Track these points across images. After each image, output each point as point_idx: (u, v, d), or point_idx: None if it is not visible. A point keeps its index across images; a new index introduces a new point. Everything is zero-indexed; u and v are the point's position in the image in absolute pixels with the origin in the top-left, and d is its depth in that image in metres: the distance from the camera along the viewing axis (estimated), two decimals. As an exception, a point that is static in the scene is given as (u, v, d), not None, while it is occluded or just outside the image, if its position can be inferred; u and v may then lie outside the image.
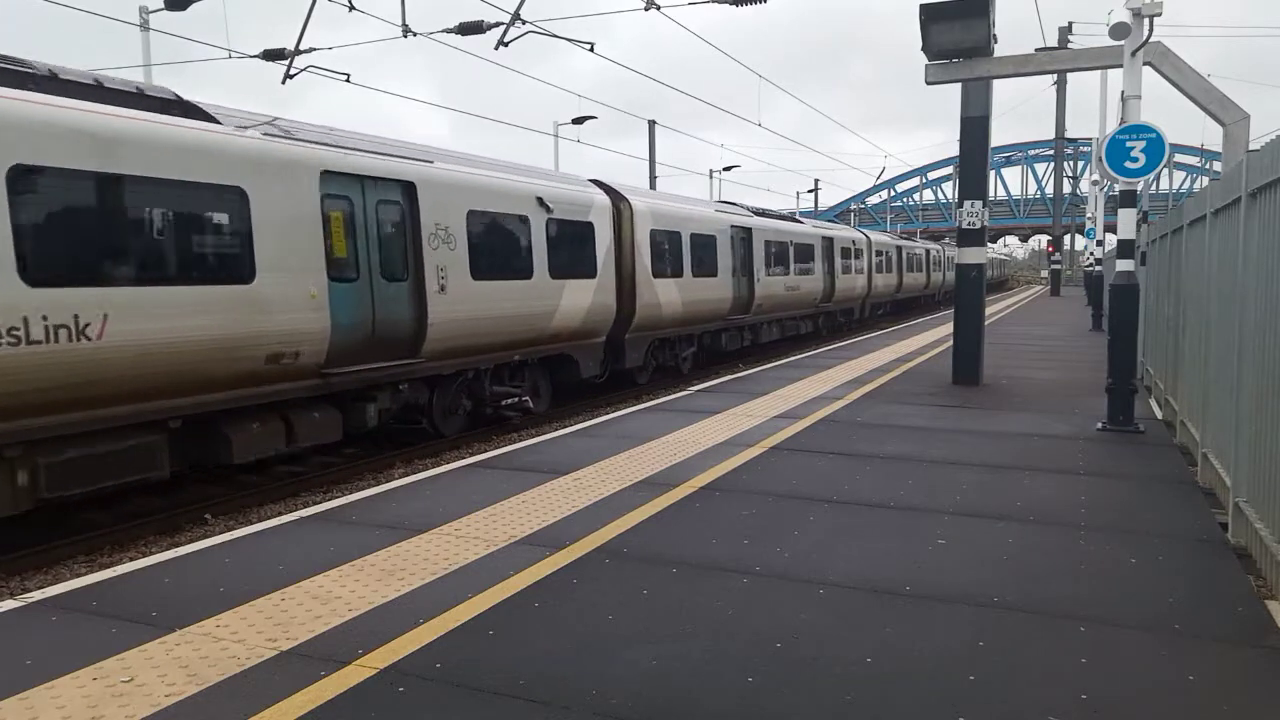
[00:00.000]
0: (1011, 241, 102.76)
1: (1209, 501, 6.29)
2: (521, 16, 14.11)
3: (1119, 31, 8.48)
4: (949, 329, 19.63)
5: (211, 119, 8.34)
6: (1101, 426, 8.94)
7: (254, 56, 15.79)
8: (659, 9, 13.74)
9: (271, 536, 5.71)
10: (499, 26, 14.36)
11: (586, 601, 4.48)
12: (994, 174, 74.11)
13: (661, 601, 4.47)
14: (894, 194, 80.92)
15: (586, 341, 13.94)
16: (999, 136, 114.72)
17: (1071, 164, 53.54)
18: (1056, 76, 40.37)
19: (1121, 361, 8.97)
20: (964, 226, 12.46)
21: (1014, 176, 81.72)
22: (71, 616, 4.35)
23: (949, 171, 76.38)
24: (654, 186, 36.03)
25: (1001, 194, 78.20)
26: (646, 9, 13.69)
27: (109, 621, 4.29)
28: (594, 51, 15.65)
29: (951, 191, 75.55)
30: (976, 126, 12.23)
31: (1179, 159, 66.66)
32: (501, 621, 4.23)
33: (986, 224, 12.43)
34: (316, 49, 15.21)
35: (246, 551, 5.38)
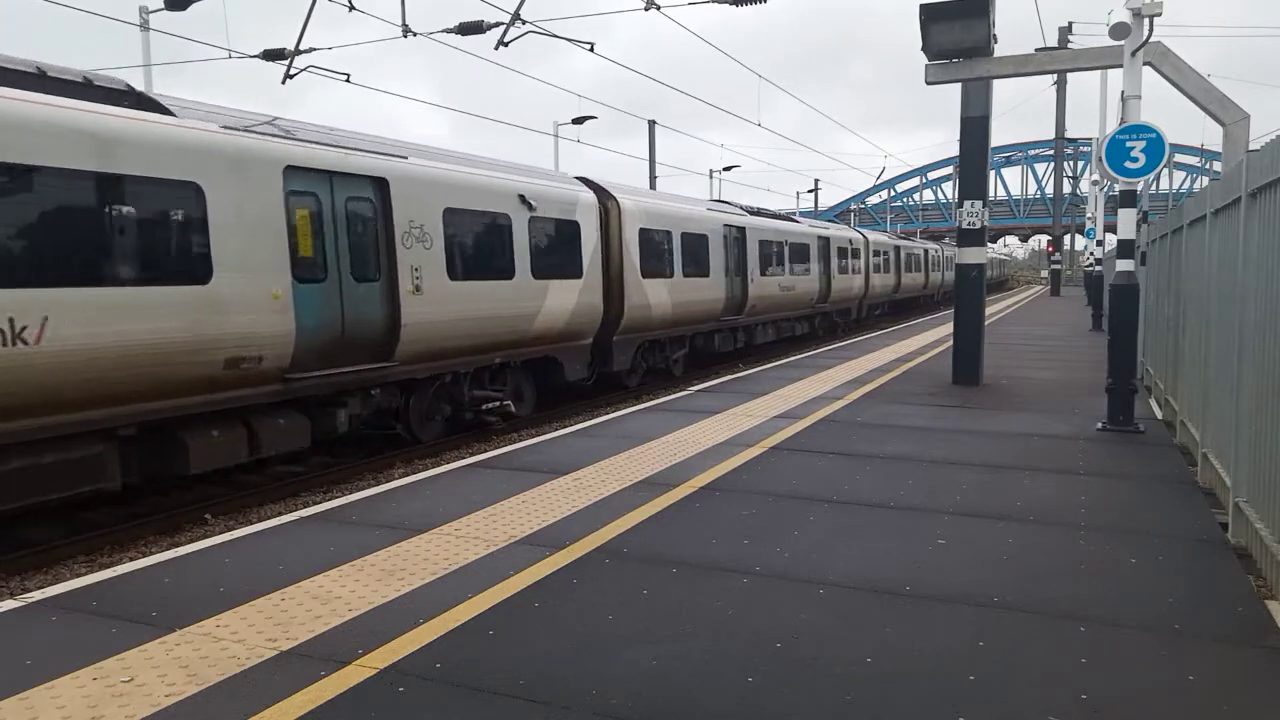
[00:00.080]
0: (1011, 241, 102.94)
1: (1209, 501, 6.29)
2: (521, 16, 14.12)
3: (1119, 31, 8.48)
4: (949, 329, 19.64)
5: (166, 111, 8.00)
6: (1101, 426, 8.94)
7: (254, 56, 15.80)
8: (659, 9, 13.75)
9: (271, 536, 5.71)
10: (499, 26, 14.37)
11: (586, 601, 4.48)
12: (994, 174, 74.13)
13: (661, 601, 4.47)
14: (894, 194, 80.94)
15: (572, 344, 13.57)
16: (999, 136, 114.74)
17: (1071, 164, 53.58)
18: (1056, 76, 40.40)
19: (1121, 361, 8.97)
20: (964, 226, 12.46)
21: (1014, 176, 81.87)
22: (71, 616, 4.36)
23: (949, 171, 76.40)
24: (654, 186, 36.04)
25: (1001, 194, 78.25)
26: (646, 9, 13.70)
27: (109, 621, 4.29)
28: (594, 51, 15.66)
29: (951, 191, 75.57)
30: (976, 126, 12.24)
31: (1179, 159, 66.69)
32: (501, 621, 4.23)
33: (986, 224, 12.43)
34: (316, 49, 15.22)
35: (246, 551, 5.39)
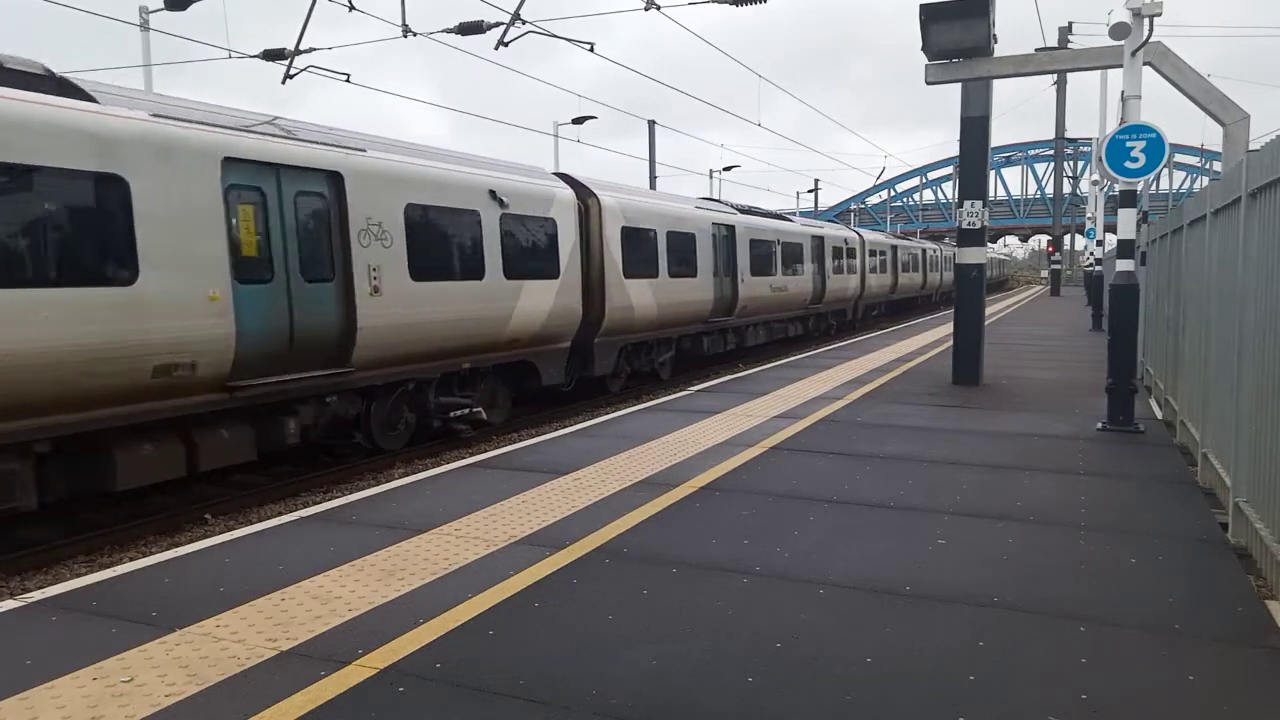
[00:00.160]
0: (1011, 241, 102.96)
1: (1209, 501, 6.29)
2: (521, 16, 14.13)
3: (1119, 31, 8.48)
4: (949, 329, 19.64)
5: (89, 98, 7.42)
6: (1101, 426, 8.94)
7: (254, 56, 15.81)
8: (659, 9, 13.75)
9: (271, 536, 5.71)
10: (499, 26, 14.38)
11: (586, 601, 4.48)
12: (994, 174, 74.13)
13: (661, 601, 4.47)
14: (894, 194, 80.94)
15: (549, 347, 12.96)
16: (999, 136, 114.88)
17: (1071, 164, 53.57)
18: (1056, 76, 40.39)
19: (1121, 361, 8.97)
20: (964, 226, 12.46)
21: (1014, 176, 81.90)
22: (71, 616, 4.36)
23: (949, 171, 76.40)
24: (654, 186, 36.05)
25: (1001, 194, 78.22)
26: (646, 9, 13.70)
27: (109, 621, 4.29)
28: (594, 51, 15.66)
29: (951, 191, 75.58)
30: (976, 126, 12.24)
31: (1179, 159, 66.69)
32: (501, 621, 4.23)
33: (986, 224, 12.43)
34: (316, 49, 15.23)
35: (246, 551, 5.39)
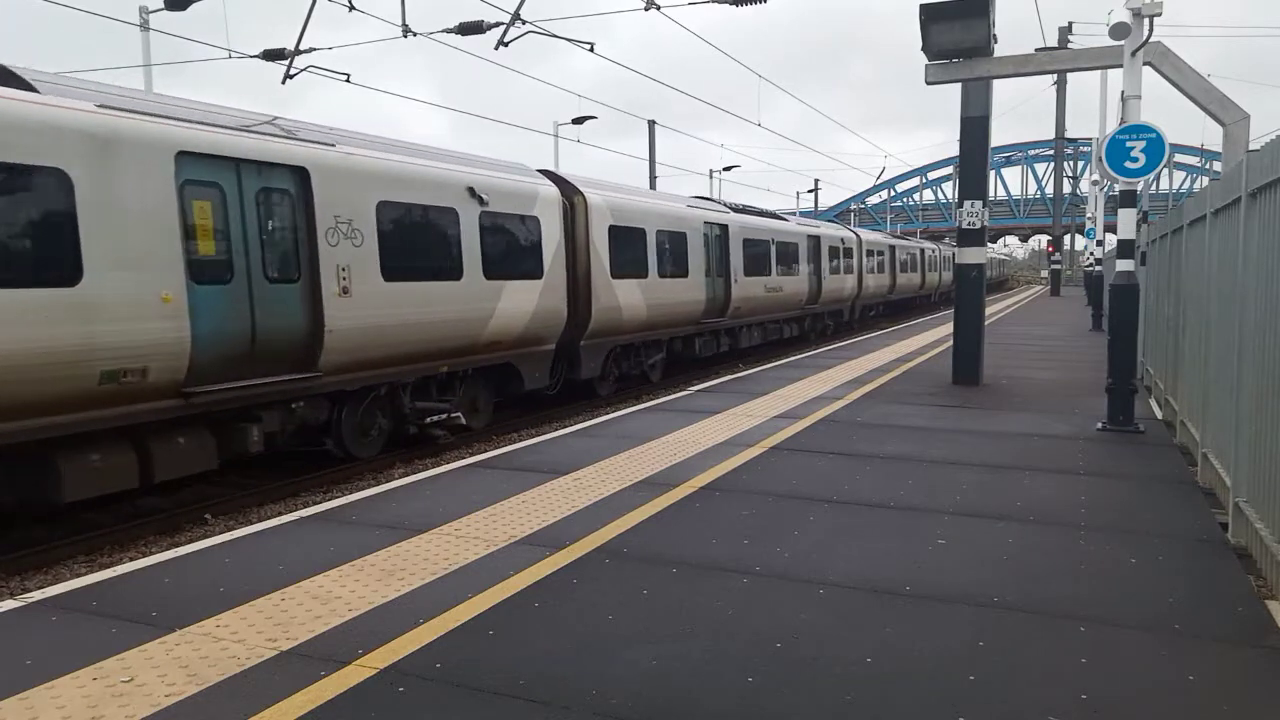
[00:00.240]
0: (1011, 241, 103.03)
1: (1209, 501, 6.29)
2: (521, 16, 14.13)
3: (1119, 31, 8.48)
4: (949, 329, 19.64)
5: (29, 87, 7.07)
6: (1101, 426, 8.94)
7: (254, 56, 15.82)
8: (659, 9, 13.76)
9: (271, 536, 5.71)
10: (499, 26, 14.38)
11: (586, 601, 4.48)
12: (994, 174, 74.15)
13: (661, 601, 4.47)
14: (894, 194, 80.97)
15: (532, 349, 12.52)
16: (999, 136, 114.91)
17: (1071, 164, 53.58)
18: (1056, 76, 40.40)
19: (1121, 361, 8.97)
20: (964, 226, 12.46)
21: (1014, 176, 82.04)
22: (71, 616, 4.35)
23: (949, 171, 76.42)
24: (654, 186, 36.07)
25: (1001, 194, 78.24)
26: (646, 9, 13.71)
27: (109, 621, 4.29)
28: (594, 51, 15.67)
29: (951, 191, 75.59)
30: (976, 126, 12.24)
31: (1179, 159, 66.71)
32: (501, 621, 4.23)
33: (986, 224, 12.43)
34: (316, 49, 15.24)
35: (246, 551, 5.39)
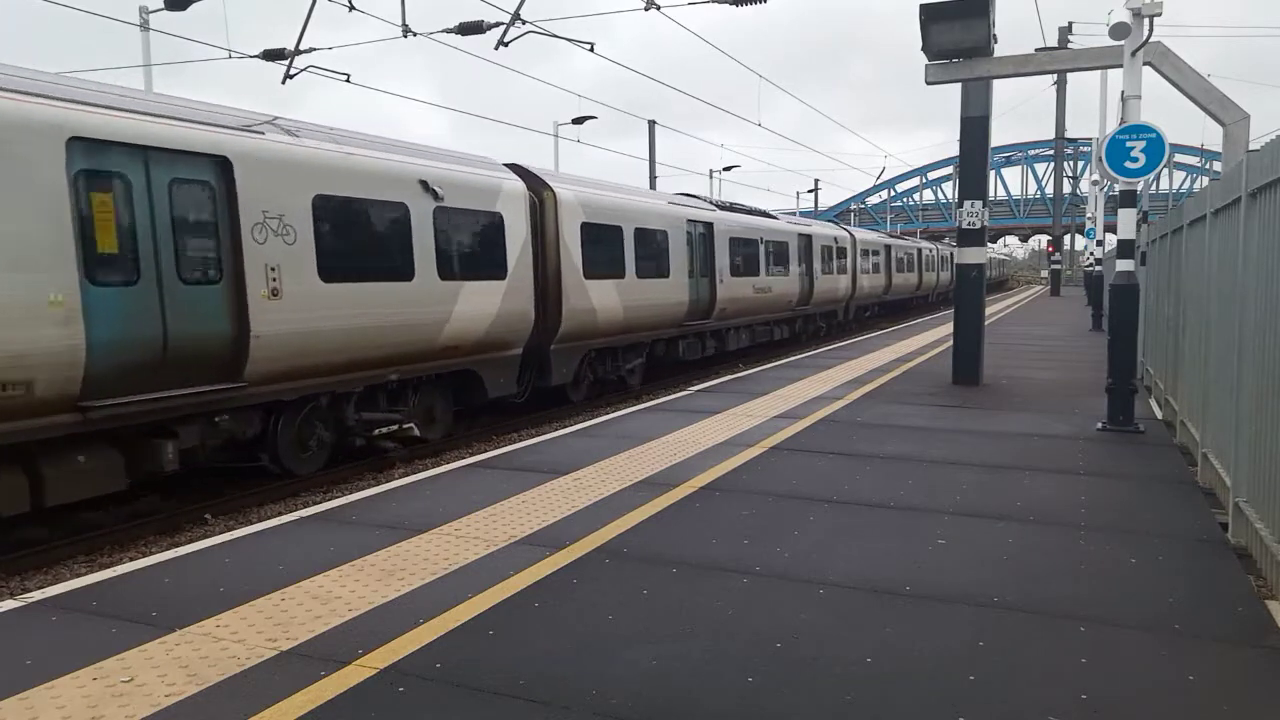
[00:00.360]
0: (1011, 241, 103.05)
1: (1209, 501, 6.29)
2: (521, 16, 14.14)
3: (1119, 31, 8.48)
4: (948, 329, 19.65)
5: None
6: (1101, 426, 8.94)
7: (254, 56, 15.82)
8: (659, 9, 13.76)
9: (271, 536, 5.71)
10: (499, 26, 14.38)
11: (586, 601, 4.48)
12: (994, 174, 74.16)
13: (661, 601, 4.47)
14: (894, 194, 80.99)
15: (495, 355, 11.72)
16: (999, 136, 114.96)
17: (1071, 164, 53.58)
18: (1056, 76, 40.39)
19: (1121, 361, 8.97)
20: (964, 226, 12.46)
21: (1014, 176, 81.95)
22: (71, 616, 4.36)
23: (949, 171, 76.42)
24: (654, 186, 36.06)
25: (1001, 194, 78.26)
26: (646, 9, 13.71)
27: (109, 621, 4.29)
28: (594, 51, 15.67)
29: (951, 191, 75.59)
30: (976, 126, 12.24)
31: (1179, 159, 66.72)
32: (501, 621, 4.23)
33: (986, 224, 12.43)
34: (316, 49, 15.24)
35: (246, 551, 5.39)
